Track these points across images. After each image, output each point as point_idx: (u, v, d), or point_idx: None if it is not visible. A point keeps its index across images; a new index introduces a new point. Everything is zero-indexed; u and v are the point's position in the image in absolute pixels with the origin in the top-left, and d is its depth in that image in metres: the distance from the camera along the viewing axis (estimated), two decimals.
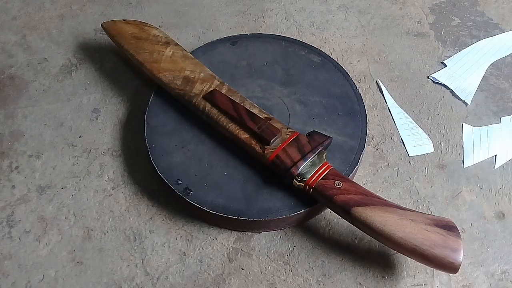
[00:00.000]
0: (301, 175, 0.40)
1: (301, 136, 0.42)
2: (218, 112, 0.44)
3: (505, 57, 0.56)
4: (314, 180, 0.40)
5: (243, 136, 0.43)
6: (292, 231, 0.43)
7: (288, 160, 0.41)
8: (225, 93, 0.45)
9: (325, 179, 0.40)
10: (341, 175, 0.40)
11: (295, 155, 0.41)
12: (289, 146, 0.42)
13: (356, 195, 0.38)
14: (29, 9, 0.61)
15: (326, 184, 0.39)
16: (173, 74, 0.47)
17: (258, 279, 0.41)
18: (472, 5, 0.61)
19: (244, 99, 0.46)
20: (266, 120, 0.43)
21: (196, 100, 0.45)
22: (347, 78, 0.51)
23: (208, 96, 0.45)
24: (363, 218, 0.37)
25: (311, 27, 0.59)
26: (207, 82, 0.47)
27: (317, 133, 0.43)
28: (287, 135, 0.42)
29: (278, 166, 0.41)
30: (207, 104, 0.45)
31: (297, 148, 0.41)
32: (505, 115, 0.51)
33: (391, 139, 0.49)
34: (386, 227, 0.36)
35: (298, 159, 0.41)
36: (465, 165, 0.47)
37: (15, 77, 0.55)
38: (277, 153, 0.41)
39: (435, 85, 0.54)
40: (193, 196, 0.42)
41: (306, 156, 0.41)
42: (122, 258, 0.42)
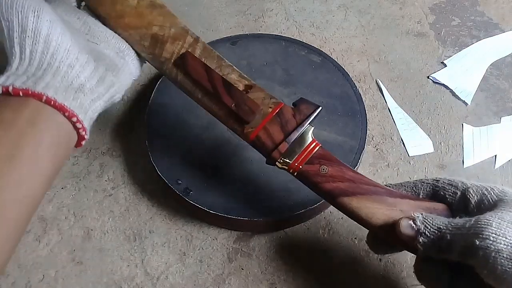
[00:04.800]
0: (284, 158, 0.36)
1: (285, 109, 0.37)
2: (191, 83, 0.39)
3: (505, 57, 0.56)
4: (298, 164, 0.36)
5: (219, 112, 0.38)
6: (292, 231, 0.43)
7: (269, 141, 0.37)
8: (199, 54, 0.39)
9: (310, 163, 0.36)
10: (329, 156, 0.36)
11: (277, 135, 0.37)
12: (270, 123, 0.37)
13: (343, 183, 0.35)
14: None
15: (311, 170, 0.36)
16: (140, 32, 0.39)
17: (258, 279, 0.41)
18: (472, 5, 0.61)
19: (221, 60, 0.39)
20: (244, 93, 0.38)
21: (167, 67, 0.39)
22: (347, 78, 0.51)
23: (179, 61, 0.39)
24: (350, 209, 0.34)
25: (311, 27, 0.59)
26: (179, 41, 0.39)
27: (304, 101, 0.38)
28: (269, 108, 0.37)
29: (259, 148, 0.37)
30: (179, 73, 0.39)
31: (280, 126, 0.37)
32: (505, 115, 0.51)
33: (391, 139, 0.49)
34: (373, 220, 0.34)
35: (281, 140, 0.36)
36: (465, 165, 0.47)
37: None
38: (257, 133, 0.37)
39: (435, 85, 0.54)
40: (193, 196, 0.42)
41: (290, 135, 0.36)
42: (122, 258, 0.42)
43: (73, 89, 0.32)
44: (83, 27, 0.37)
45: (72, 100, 0.32)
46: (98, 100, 0.34)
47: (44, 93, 0.30)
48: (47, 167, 0.31)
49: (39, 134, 0.30)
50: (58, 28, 0.32)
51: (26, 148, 0.29)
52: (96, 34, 0.37)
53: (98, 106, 0.35)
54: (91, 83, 0.34)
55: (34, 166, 0.30)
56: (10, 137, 0.29)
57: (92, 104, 0.34)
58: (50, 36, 0.32)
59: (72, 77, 0.32)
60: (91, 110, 0.34)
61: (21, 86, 0.30)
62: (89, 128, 0.34)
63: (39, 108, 0.30)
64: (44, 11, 0.32)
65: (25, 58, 0.32)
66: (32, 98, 0.30)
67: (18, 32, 0.31)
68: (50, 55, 0.32)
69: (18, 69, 0.31)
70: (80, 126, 0.32)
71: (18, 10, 0.31)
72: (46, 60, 0.32)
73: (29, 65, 0.31)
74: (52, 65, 0.32)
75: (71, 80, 0.32)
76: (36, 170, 0.30)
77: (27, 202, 0.30)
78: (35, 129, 0.30)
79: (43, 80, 0.31)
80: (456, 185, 0.33)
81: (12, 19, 0.31)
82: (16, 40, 0.31)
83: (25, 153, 0.29)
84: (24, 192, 0.29)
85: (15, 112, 0.30)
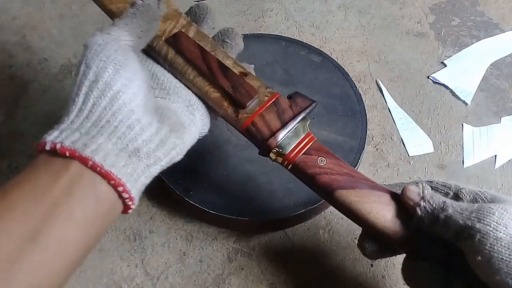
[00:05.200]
0: (279, 148, 0.34)
1: (281, 99, 0.36)
2: (184, 62, 0.36)
3: (505, 57, 0.56)
4: (295, 155, 0.34)
5: (212, 95, 0.35)
6: (292, 231, 0.43)
7: (266, 128, 0.35)
8: (192, 36, 0.37)
9: (307, 154, 0.34)
10: (326, 149, 0.35)
11: (274, 123, 0.35)
12: (267, 110, 0.35)
13: (341, 176, 0.34)
14: (29, 9, 0.61)
15: (307, 161, 0.34)
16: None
17: (258, 279, 0.41)
18: (472, 5, 0.61)
19: (216, 46, 0.37)
20: (241, 77, 0.36)
21: (157, 43, 0.36)
22: (347, 78, 0.51)
23: (172, 40, 0.36)
24: (347, 203, 0.33)
25: (311, 27, 0.59)
26: (171, 21, 0.37)
27: (300, 95, 0.37)
28: (265, 97, 0.36)
29: (254, 136, 0.35)
30: (170, 50, 0.36)
31: (276, 114, 0.35)
32: (505, 115, 0.51)
33: (391, 139, 0.49)
34: (371, 215, 0.32)
35: (278, 128, 0.34)
36: (465, 165, 0.47)
37: (15, 77, 0.55)
38: (252, 119, 0.35)
39: (435, 85, 0.54)
40: (193, 196, 0.42)
41: (287, 124, 0.35)
42: (122, 258, 0.42)
43: (126, 153, 0.29)
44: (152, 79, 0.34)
45: (123, 167, 0.28)
46: (154, 166, 0.31)
47: (91, 158, 0.27)
48: (76, 248, 0.27)
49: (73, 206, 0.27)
50: (132, 88, 0.30)
51: (56, 223, 0.26)
52: (165, 85, 0.34)
53: (154, 171, 0.31)
54: (149, 146, 0.30)
55: (60, 247, 0.26)
56: (40, 209, 0.26)
57: (146, 170, 0.30)
58: (120, 94, 0.29)
59: (129, 139, 0.29)
60: (144, 176, 0.30)
61: (69, 146, 0.27)
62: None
63: (82, 173, 0.27)
64: (127, 68, 0.30)
65: (84, 110, 0.29)
66: (76, 160, 0.27)
67: (90, 80, 0.29)
68: (112, 113, 0.29)
69: (73, 122, 0.29)
70: (127, 196, 0.29)
71: (102, 59, 0.30)
72: (105, 117, 0.29)
73: (86, 118, 0.29)
74: (111, 124, 0.29)
75: (126, 143, 0.29)
76: (63, 251, 0.26)
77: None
78: (70, 199, 0.27)
79: (95, 142, 0.28)
80: (450, 186, 0.33)
81: (91, 66, 0.29)
82: (83, 89, 0.29)
83: (54, 229, 0.26)
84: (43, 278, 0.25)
85: (53, 176, 0.27)
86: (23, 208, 0.26)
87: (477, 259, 0.27)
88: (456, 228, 0.28)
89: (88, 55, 0.30)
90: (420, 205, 0.30)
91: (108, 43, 0.30)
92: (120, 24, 0.32)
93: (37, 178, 0.27)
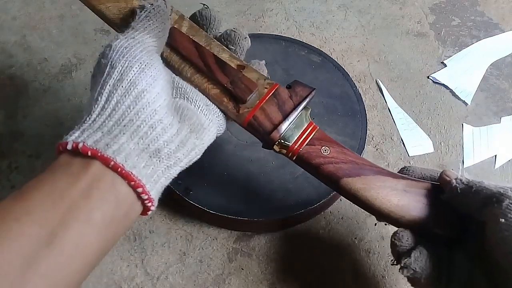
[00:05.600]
0: (283, 139, 0.34)
1: (281, 90, 0.36)
2: (180, 60, 0.35)
3: (505, 57, 0.56)
4: (299, 146, 0.34)
5: (212, 91, 0.35)
6: (292, 231, 0.43)
7: (268, 122, 0.35)
8: (186, 31, 0.36)
9: (310, 144, 0.34)
10: (329, 138, 0.35)
11: (275, 115, 0.35)
12: (267, 103, 0.35)
13: (346, 164, 0.34)
14: (29, 9, 0.61)
15: (311, 152, 0.34)
16: (118, 5, 0.36)
17: (258, 279, 0.41)
18: (472, 5, 0.61)
19: (210, 40, 0.36)
20: (239, 71, 0.35)
21: None
22: (347, 78, 0.51)
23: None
24: (354, 191, 0.33)
25: (311, 27, 0.59)
26: None
27: (299, 83, 0.37)
28: (264, 89, 0.35)
29: (256, 130, 0.35)
30: (165, 48, 0.35)
31: (277, 106, 0.35)
32: (505, 115, 0.51)
33: (391, 139, 0.49)
34: (377, 201, 0.33)
35: (280, 121, 0.34)
36: (465, 165, 0.47)
37: (15, 77, 0.55)
38: (253, 113, 0.35)
39: (435, 85, 0.54)
40: (193, 196, 0.42)
41: (288, 116, 0.35)
42: (122, 258, 0.42)
43: (147, 153, 0.29)
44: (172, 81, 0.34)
45: (143, 168, 0.28)
46: (174, 167, 0.31)
47: (113, 158, 0.27)
48: (93, 251, 0.27)
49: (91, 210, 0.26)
50: (157, 87, 0.30)
51: (73, 226, 0.25)
52: (182, 85, 0.34)
53: (174, 172, 0.31)
54: (170, 147, 0.30)
55: (77, 250, 0.26)
56: (58, 212, 0.25)
57: (167, 172, 0.30)
58: (144, 93, 0.29)
59: (150, 139, 0.29)
60: (164, 177, 0.30)
61: (91, 146, 0.27)
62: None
63: (102, 174, 0.27)
64: (152, 67, 0.30)
65: (107, 108, 0.29)
66: (98, 160, 0.27)
67: (115, 79, 0.29)
68: (135, 112, 0.29)
69: (95, 121, 0.29)
70: (146, 197, 0.29)
71: (127, 59, 0.30)
72: (129, 115, 0.29)
73: (109, 117, 0.29)
74: (134, 123, 0.29)
75: (148, 143, 0.29)
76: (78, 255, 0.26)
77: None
78: (88, 202, 0.26)
79: (117, 142, 0.28)
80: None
81: (116, 65, 0.29)
82: (107, 88, 0.29)
83: (71, 232, 0.25)
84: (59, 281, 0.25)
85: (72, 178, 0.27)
86: (41, 211, 0.25)
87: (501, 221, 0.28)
88: (486, 194, 0.29)
89: (113, 56, 0.30)
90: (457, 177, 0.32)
91: (134, 45, 0.31)
92: (140, 28, 0.32)
93: (55, 180, 0.27)
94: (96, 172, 0.27)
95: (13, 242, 0.24)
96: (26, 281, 0.24)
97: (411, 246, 0.31)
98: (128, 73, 0.29)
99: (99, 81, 0.30)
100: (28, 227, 0.25)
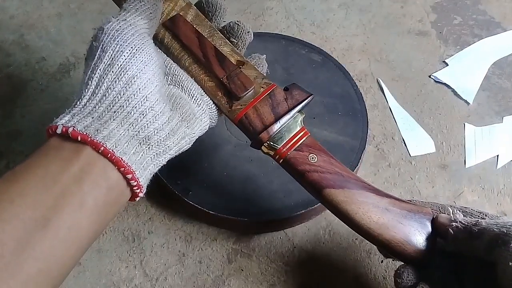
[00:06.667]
0: (272, 141, 0.34)
1: (277, 91, 0.36)
2: (180, 48, 0.35)
3: (507, 56, 0.55)
4: (286, 151, 0.34)
5: (207, 84, 0.35)
6: (292, 231, 0.43)
7: (259, 121, 0.34)
8: (191, 20, 0.36)
9: (298, 150, 0.34)
10: (318, 146, 0.35)
11: (267, 116, 0.34)
12: (261, 103, 0.35)
13: (331, 174, 0.33)
14: (27, 8, 0.61)
15: (298, 157, 0.34)
16: None
17: (258, 280, 0.41)
18: (474, 4, 0.61)
19: (214, 31, 0.36)
20: (237, 67, 0.35)
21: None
22: (348, 77, 0.50)
23: (169, 24, 0.36)
24: (335, 203, 0.33)
25: (311, 26, 0.59)
26: (170, 2, 0.37)
27: (297, 87, 0.36)
28: (261, 88, 0.35)
29: (246, 128, 0.35)
30: (167, 35, 0.35)
31: (271, 107, 0.35)
32: (507, 115, 0.51)
33: (392, 139, 0.49)
34: (357, 216, 0.32)
35: (271, 122, 0.34)
36: (467, 165, 0.47)
37: (12, 76, 0.54)
38: (246, 111, 0.34)
39: (436, 84, 0.53)
40: (192, 196, 0.42)
41: (281, 118, 0.34)
42: (121, 259, 0.42)
43: (137, 140, 0.29)
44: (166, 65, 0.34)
45: (133, 154, 0.28)
46: (163, 154, 0.31)
47: (103, 143, 0.27)
48: (85, 234, 0.27)
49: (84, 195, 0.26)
50: (148, 73, 0.30)
51: (66, 210, 0.26)
52: (178, 72, 0.34)
53: (163, 160, 0.31)
54: (160, 135, 0.30)
55: (70, 234, 0.26)
56: (51, 196, 0.25)
57: (156, 159, 0.30)
58: (135, 78, 0.29)
59: (141, 126, 0.29)
60: (153, 164, 0.30)
61: (81, 130, 0.27)
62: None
63: (93, 160, 0.27)
64: (143, 52, 0.30)
65: (97, 93, 0.29)
66: (88, 146, 0.27)
67: (105, 64, 0.29)
68: (125, 98, 0.29)
69: (86, 106, 0.28)
70: (135, 183, 0.29)
71: (118, 43, 0.29)
72: (119, 102, 0.28)
73: (99, 102, 0.28)
74: (124, 109, 0.28)
75: (138, 130, 0.29)
76: (72, 239, 0.26)
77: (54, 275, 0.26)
78: (80, 187, 0.26)
79: (107, 127, 0.28)
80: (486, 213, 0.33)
81: (108, 49, 0.29)
82: (98, 72, 0.29)
83: (64, 217, 0.25)
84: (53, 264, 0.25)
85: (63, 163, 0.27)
86: (34, 194, 0.25)
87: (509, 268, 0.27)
88: (490, 237, 0.28)
89: (104, 40, 0.29)
90: (452, 225, 0.31)
91: (125, 28, 0.30)
92: (132, 10, 0.31)
93: (48, 163, 0.27)
94: (88, 157, 0.27)
95: (7, 225, 0.24)
96: (20, 264, 0.24)
97: (413, 282, 0.31)
98: (118, 58, 0.29)
99: (90, 64, 0.29)
100: (22, 210, 0.25)
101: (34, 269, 0.24)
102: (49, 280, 0.25)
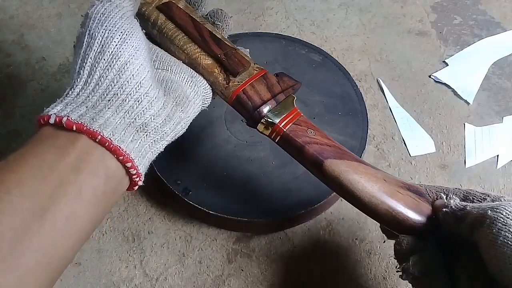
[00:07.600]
0: (269, 117, 0.34)
1: (269, 75, 0.37)
2: (175, 28, 0.36)
3: (507, 56, 0.55)
4: (284, 125, 0.34)
5: (204, 61, 0.35)
6: (293, 232, 0.43)
7: (257, 97, 0.35)
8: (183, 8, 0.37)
9: (297, 124, 0.34)
10: (313, 124, 0.35)
11: (264, 93, 0.35)
12: (257, 82, 0.36)
13: (330, 147, 0.34)
14: (27, 8, 0.61)
15: (298, 130, 0.34)
16: None
17: (258, 280, 0.41)
18: (474, 4, 0.61)
19: (203, 19, 0.38)
20: (232, 47, 0.36)
21: (147, 9, 0.36)
22: (347, 77, 0.50)
23: (163, 7, 0.36)
24: (337, 173, 0.32)
25: (311, 26, 0.59)
26: None
27: (285, 75, 0.38)
28: (254, 70, 0.36)
29: (244, 103, 0.35)
30: (161, 16, 0.36)
31: (266, 86, 0.36)
32: (507, 115, 0.51)
33: (392, 139, 0.49)
34: (360, 184, 0.32)
35: (268, 98, 0.35)
36: (467, 165, 0.47)
37: (12, 77, 0.54)
38: (244, 87, 0.35)
39: (436, 84, 0.53)
40: (192, 196, 0.42)
41: (276, 96, 0.35)
42: (121, 259, 0.42)
43: (134, 128, 0.28)
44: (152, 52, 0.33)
45: (131, 142, 0.28)
46: (161, 141, 0.30)
47: (99, 132, 0.26)
48: (84, 224, 0.26)
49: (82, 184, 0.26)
50: (140, 59, 0.29)
51: (64, 200, 0.25)
52: (163, 58, 0.33)
53: (160, 147, 0.31)
54: (157, 121, 0.29)
55: (68, 224, 0.25)
56: (48, 185, 0.25)
57: (153, 146, 0.30)
58: (127, 65, 0.28)
59: (137, 113, 0.28)
60: (151, 152, 0.30)
61: (76, 120, 0.26)
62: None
63: (90, 149, 0.26)
64: (134, 36, 0.29)
65: (90, 83, 0.28)
66: (84, 135, 0.26)
67: (96, 51, 0.28)
68: (119, 86, 0.28)
69: (79, 96, 0.28)
70: (134, 172, 0.28)
71: (107, 28, 0.28)
72: (113, 90, 0.28)
73: (92, 92, 0.28)
74: (118, 97, 0.28)
75: (134, 117, 0.28)
76: (70, 229, 0.25)
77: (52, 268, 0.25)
78: (78, 176, 0.26)
79: (103, 116, 0.27)
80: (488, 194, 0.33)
81: (96, 36, 0.28)
82: (89, 61, 0.28)
83: (62, 207, 0.25)
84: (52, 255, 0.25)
85: (60, 152, 0.26)
86: (31, 184, 0.25)
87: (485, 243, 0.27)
88: (471, 220, 0.29)
89: (92, 25, 0.29)
90: (443, 210, 0.31)
91: (112, 11, 0.29)
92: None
93: (43, 152, 0.26)
94: (84, 146, 0.26)
95: (4, 216, 0.23)
96: (18, 256, 0.23)
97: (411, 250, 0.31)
98: (109, 44, 0.28)
99: (80, 52, 0.29)
100: (18, 200, 0.24)
101: (33, 261, 0.24)
102: (48, 272, 0.25)
